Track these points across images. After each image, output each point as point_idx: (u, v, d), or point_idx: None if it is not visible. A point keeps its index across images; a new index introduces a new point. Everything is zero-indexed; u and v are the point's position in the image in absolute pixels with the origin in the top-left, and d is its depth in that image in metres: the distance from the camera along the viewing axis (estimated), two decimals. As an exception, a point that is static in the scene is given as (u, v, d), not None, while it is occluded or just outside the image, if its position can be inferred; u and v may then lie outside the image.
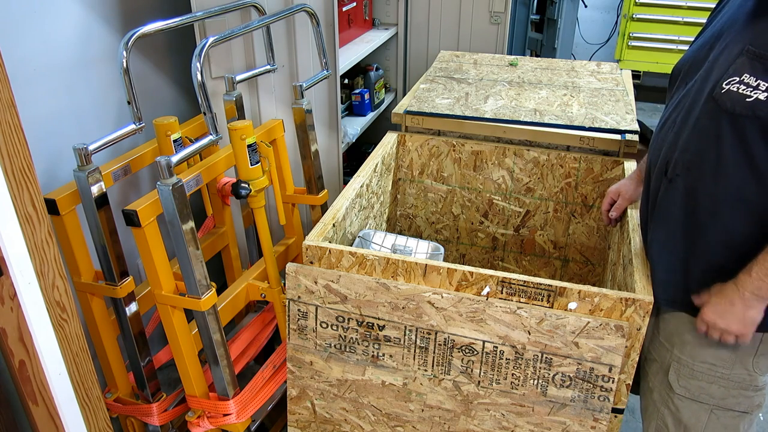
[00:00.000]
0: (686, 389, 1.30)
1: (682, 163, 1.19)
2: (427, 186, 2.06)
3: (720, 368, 1.25)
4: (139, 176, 2.02)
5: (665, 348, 1.32)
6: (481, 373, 1.34)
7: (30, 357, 1.19)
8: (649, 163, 1.34)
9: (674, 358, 1.30)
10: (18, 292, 1.13)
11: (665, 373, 1.32)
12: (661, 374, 1.34)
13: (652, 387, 1.37)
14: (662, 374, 1.34)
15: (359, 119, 2.55)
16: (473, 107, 1.95)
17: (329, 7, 1.90)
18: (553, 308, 1.27)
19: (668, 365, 1.32)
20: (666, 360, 1.32)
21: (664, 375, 1.33)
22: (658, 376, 1.35)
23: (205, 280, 1.46)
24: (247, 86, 2.04)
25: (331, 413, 1.51)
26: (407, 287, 1.32)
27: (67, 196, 1.48)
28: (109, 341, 1.67)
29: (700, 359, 1.26)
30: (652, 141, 1.33)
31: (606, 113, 1.90)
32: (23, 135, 1.08)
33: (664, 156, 1.24)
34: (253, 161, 1.57)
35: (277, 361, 1.76)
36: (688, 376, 1.29)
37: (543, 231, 2.01)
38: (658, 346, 1.34)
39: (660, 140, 1.28)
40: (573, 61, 2.34)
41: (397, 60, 2.87)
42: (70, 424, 1.30)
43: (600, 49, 5.33)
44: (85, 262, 1.57)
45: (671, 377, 1.31)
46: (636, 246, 1.40)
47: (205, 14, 1.73)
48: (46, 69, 1.67)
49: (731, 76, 1.09)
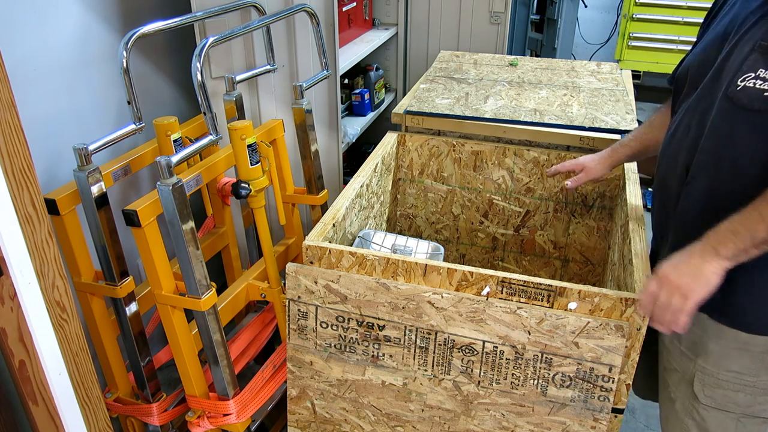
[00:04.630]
0: (712, 399, 1.27)
1: (699, 164, 1.18)
2: (427, 186, 2.06)
3: (746, 376, 1.23)
4: (139, 176, 2.02)
5: (687, 358, 1.30)
6: (481, 373, 1.34)
7: (30, 357, 1.19)
8: (661, 171, 1.31)
9: (698, 368, 1.27)
10: (18, 292, 1.13)
11: (688, 384, 1.30)
12: (684, 385, 1.31)
13: (674, 398, 1.35)
14: (685, 385, 1.31)
15: (359, 119, 2.55)
16: (473, 107, 1.95)
17: (329, 7, 1.90)
18: (553, 308, 1.27)
19: (692, 375, 1.29)
20: (689, 370, 1.29)
21: (687, 385, 1.30)
22: (681, 387, 1.32)
23: (205, 280, 1.46)
24: (247, 86, 2.04)
25: (331, 413, 1.51)
26: (407, 287, 1.32)
27: (67, 196, 1.48)
28: (109, 341, 1.67)
29: (725, 368, 1.24)
30: (664, 148, 1.31)
31: (606, 113, 1.90)
32: (23, 135, 1.08)
33: (683, 162, 1.22)
34: (253, 161, 1.57)
35: (277, 361, 1.76)
36: (714, 386, 1.26)
37: (543, 231, 2.01)
38: (679, 356, 1.32)
39: (675, 147, 1.25)
40: (573, 61, 2.34)
41: (397, 60, 2.87)
42: (70, 424, 1.30)
43: (600, 49, 5.33)
44: (85, 262, 1.57)
45: (696, 387, 1.28)
46: (636, 246, 1.40)
47: (205, 14, 1.73)
48: (46, 69, 1.67)
49: (746, 73, 1.08)
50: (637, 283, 1.28)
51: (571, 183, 1.58)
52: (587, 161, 1.58)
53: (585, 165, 1.57)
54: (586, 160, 1.58)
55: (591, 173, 1.56)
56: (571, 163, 1.62)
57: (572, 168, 1.60)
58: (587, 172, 1.56)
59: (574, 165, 1.60)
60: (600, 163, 1.56)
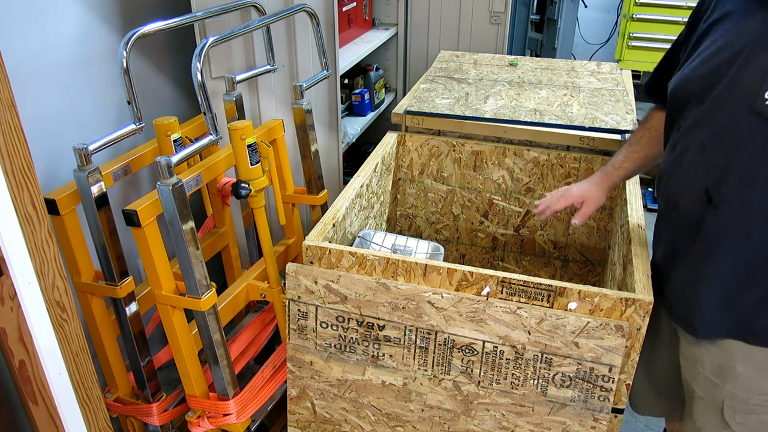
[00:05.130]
0: (744, 426, 1.24)
1: (731, 185, 1.12)
2: (427, 186, 2.06)
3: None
4: (139, 176, 2.02)
5: (714, 384, 1.25)
6: (481, 373, 1.34)
7: (30, 357, 1.19)
8: (671, 193, 1.25)
9: (727, 394, 1.23)
10: (18, 292, 1.13)
11: (716, 411, 1.26)
12: (711, 412, 1.27)
13: (701, 426, 1.30)
14: (712, 412, 1.27)
15: (359, 119, 2.55)
16: (473, 107, 1.95)
17: (329, 7, 1.90)
18: (553, 308, 1.27)
19: (720, 402, 1.25)
20: (716, 397, 1.25)
21: (715, 413, 1.26)
22: (708, 415, 1.28)
23: (205, 280, 1.46)
24: (247, 86, 2.04)
25: (331, 413, 1.51)
26: (407, 287, 1.32)
27: (67, 196, 1.48)
28: (109, 341, 1.67)
29: (757, 392, 1.21)
30: (672, 168, 1.23)
31: (606, 113, 1.90)
32: (23, 135, 1.08)
33: (702, 183, 1.15)
34: (253, 161, 1.57)
35: (277, 361, 1.76)
36: (745, 412, 1.22)
37: (543, 231, 2.01)
38: (704, 382, 1.27)
39: (688, 167, 1.19)
40: (573, 61, 2.34)
41: (397, 60, 2.87)
42: (70, 424, 1.30)
43: (600, 49, 5.33)
44: (85, 262, 1.57)
45: (727, 415, 1.24)
46: (636, 246, 1.40)
47: (205, 14, 1.73)
48: (46, 69, 1.67)
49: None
50: (637, 283, 1.28)
51: (578, 220, 1.46)
52: (585, 192, 1.46)
53: (585, 196, 1.46)
54: (582, 191, 1.47)
55: (594, 203, 1.45)
56: (567, 199, 1.48)
57: (569, 203, 1.48)
58: (590, 202, 1.45)
59: (572, 200, 1.47)
60: (600, 190, 1.46)
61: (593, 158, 1.83)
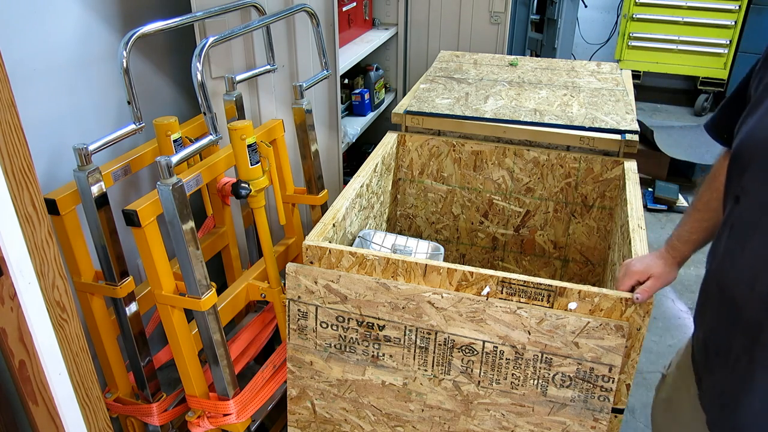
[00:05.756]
0: None
1: None
2: (427, 186, 2.06)
3: None
4: (139, 176, 2.02)
5: None
6: (481, 373, 1.34)
7: (30, 357, 1.19)
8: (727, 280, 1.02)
9: None
10: (18, 292, 1.13)
11: None
12: None
13: None
14: None
15: (359, 119, 2.55)
16: (473, 107, 1.95)
17: (329, 7, 1.90)
18: (553, 308, 1.27)
19: None
20: None
21: None
22: None
23: (205, 280, 1.46)
24: (247, 86, 2.04)
25: (331, 413, 1.51)
26: (407, 287, 1.32)
27: (67, 196, 1.48)
28: (109, 341, 1.67)
29: None
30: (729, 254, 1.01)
31: (606, 113, 1.90)
32: (23, 135, 1.08)
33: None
34: (253, 161, 1.57)
35: (277, 361, 1.76)
36: None
37: (543, 231, 2.01)
38: None
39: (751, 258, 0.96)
40: (573, 61, 2.34)
41: (397, 60, 2.87)
42: (70, 424, 1.30)
43: (600, 49, 5.34)
44: (85, 262, 1.57)
45: None
46: (636, 246, 1.40)
47: (205, 14, 1.73)
48: (46, 69, 1.67)
49: None
50: (637, 283, 1.28)
51: (641, 296, 1.25)
52: (653, 269, 1.27)
53: (650, 272, 1.27)
54: (647, 266, 1.28)
55: (663, 280, 1.27)
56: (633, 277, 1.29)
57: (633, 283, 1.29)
58: (658, 279, 1.26)
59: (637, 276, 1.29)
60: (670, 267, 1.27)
61: (593, 158, 1.83)
